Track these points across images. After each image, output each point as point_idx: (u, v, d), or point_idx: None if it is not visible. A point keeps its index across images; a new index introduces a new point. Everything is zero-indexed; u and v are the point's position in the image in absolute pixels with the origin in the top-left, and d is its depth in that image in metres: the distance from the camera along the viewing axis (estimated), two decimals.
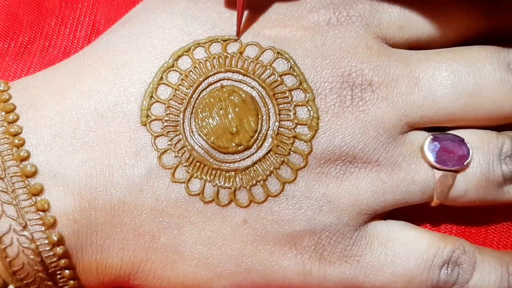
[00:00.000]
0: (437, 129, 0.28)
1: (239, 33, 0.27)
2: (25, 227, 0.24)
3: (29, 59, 0.33)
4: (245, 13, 0.27)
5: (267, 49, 0.27)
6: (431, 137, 0.27)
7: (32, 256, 0.25)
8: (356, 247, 0.27)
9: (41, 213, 0.25)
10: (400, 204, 0.27)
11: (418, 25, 0.28)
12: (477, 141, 0.28)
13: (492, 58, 0.28)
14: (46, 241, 0.25)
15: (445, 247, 0.27)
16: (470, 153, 0.27)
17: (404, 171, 0.27)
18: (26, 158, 0.25)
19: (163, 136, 0.26)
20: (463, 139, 0.27)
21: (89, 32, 0.33)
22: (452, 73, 0.27)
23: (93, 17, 0.33)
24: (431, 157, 0.27)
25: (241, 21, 0.27)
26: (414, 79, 0.27)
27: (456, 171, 0.27)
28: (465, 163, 0.27)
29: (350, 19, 0.27)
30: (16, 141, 0.25)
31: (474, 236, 0.30)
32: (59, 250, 0.25)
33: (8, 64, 0.32)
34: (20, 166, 0.25)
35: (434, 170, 0.27)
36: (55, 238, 0.25)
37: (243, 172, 0.26)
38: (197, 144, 0.26)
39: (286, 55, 0.27)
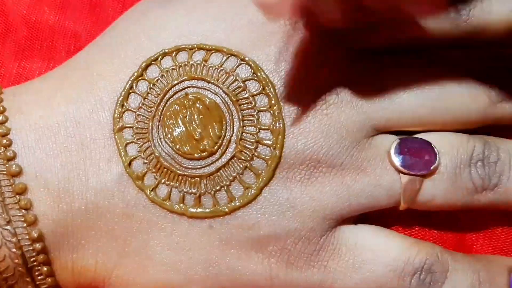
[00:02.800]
0: (408, 133, 0.28)
1: None
2: (8, 222, 0.26)
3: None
4: (211, 19, 0.28)
5: (230, 56, 0.27)
6: (398, 141, 0.27)
7: (14, 250, 0.26)
8: (323, 252, 0.27)
9: (23, 211, 0.26)
10: (366, 208, 0.27)
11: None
12: (446, 145, 0.27)
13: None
14: (27, 237, 0.26)
15: (417, 255, 0.27)
16: (437, 158, 0.26)
17: (369, 176, 0.27)
18: (13, 158, 0.26)
19: (133, 143, 0.27)
20: (431, 143, 0.27)
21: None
22: (418, 76, 0.27)
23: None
24: (397, 162, 0.26)
25: None
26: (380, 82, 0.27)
27: (423, 176, 0.26)
28: (431, 168, 0.26)
29: None
30: (4, 141, 0.26)
31: (449, 238, 0.30)
32: (38, 246, 0.26)
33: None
34: (7, 165, 0.26)
35: (401, 174, 0.27)
36: (35, 235, 0.26)
37: (207, 178, 0.27)
38: (164, 151, 0.27)
39: (249, 61, 0.27)
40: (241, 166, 0.26)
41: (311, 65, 0.27)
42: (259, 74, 0.27)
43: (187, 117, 0.27)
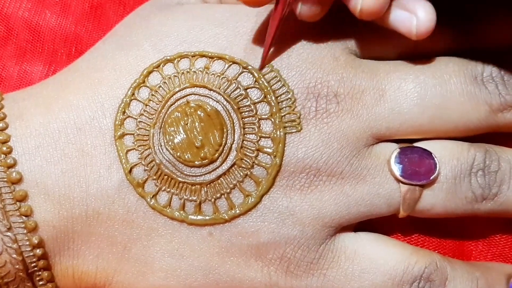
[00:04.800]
0: (408, 140, 0.28)
1: (262, 68, 0.27)
2: (9, 229, 0.26)
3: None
4: (213, 27, 0.28)
5: (233, 64, 0.27)
6: (398, 150, 0.27)
7: (14, 255, 0.26)
8: (322, 260, 0.27)
9: (24, 217, 0.26)
10: (366, 216, 0.27)
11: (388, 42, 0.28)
12: (446, 154, 0.27)
13: (459, 71, 0.27)
14: (28, 243, 0.26)
15: (416, 264, 0.27)
16: (437, 168, 0.27)
17: (368, 184, 0.27)
18: (13, 165, 0.26)
19: (134, 150, 0.27)
20: (431, 153, 0.27)
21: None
22: (418, 85, 0.27)
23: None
24: (397, 171, 0.27)
25: (266, 56, 0.27)
26: (380, 91, 0.27)
27: (423, 185, 0.27)
28: (431, 178, 0.26)
29: None
30: (4, 148, 0.26)
31: (448, 244, 0.30)
32: (38, 252, 0.26)
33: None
34: (7, 172, 0.26)
35: (400, 183, 0.27)
36: (36, 241, 0.26)
37: (208, 185, 0.27)
38: (165, 158, 0.27)
39: (251, 69, 0.27)
40: (241, 173, 0.27)
41: (314, 74, 0.27)
42: (260, 82, 0.27)
43: (188, 124, 0.27)
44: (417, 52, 0.28)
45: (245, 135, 0.27)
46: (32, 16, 0.34)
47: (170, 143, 0.27)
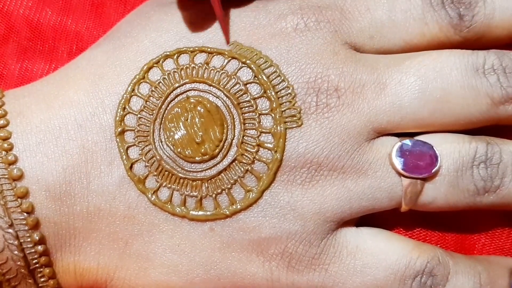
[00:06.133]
0: (409, 134, 0.28)
1: (228, 41, 0.27)
2: (11, 225, 0.26)
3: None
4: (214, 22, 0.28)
5: (232, 59, 0.27)
6: (399, 143, 0.27)
7: (16, 252, 0.26)
8: (324, 255, 0.27)
9: (25, 214, 0.26)
10: (368, 211, 0.27)
11: (389, 36, 0.28)
12: (447, 147, 0.27)
13: (460, 63, 0.27)
14: (29, 239, 0.26)
15: (418, 258, 0.27)
16: (439, 161, 0.26)
17: (370, 179, 0.27)
18: (14, 162, 0.26)
19: (134, 146, 0.27)
20: (432, 146, 0.27)
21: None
22: (419, 78, 0.27)
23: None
24: (398, 165, 0.26)
25: (226, 29, 0.27)
26: (381, 85, 0.27)
27: (425, 179, 0.26)
28: (433, 171, 0.26)
29: (318, 24, 0.27)
30: (5, 145, 0.27)
31: (451, 238, 0.30)
32: (40, 248, 0.26)
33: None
34: (8, 169, 0.26)
35: (402, 177, 0.27)
36: (37, 238, 0.26)
37: (209, 181, 0.27)
38: (165, 154, 0.27)
39: (250, 64, 0.27)
40: (242, 169, 0.27)
41: (314, 69, 0.27)
42: (260, 77, 0.27)
43: (189, 120, 0.27)
44: (418, 45, 0.28)
45: (246, 131, 0.27)
46: (32, 14, 0.34)
47: (170, 139, 0.27)
